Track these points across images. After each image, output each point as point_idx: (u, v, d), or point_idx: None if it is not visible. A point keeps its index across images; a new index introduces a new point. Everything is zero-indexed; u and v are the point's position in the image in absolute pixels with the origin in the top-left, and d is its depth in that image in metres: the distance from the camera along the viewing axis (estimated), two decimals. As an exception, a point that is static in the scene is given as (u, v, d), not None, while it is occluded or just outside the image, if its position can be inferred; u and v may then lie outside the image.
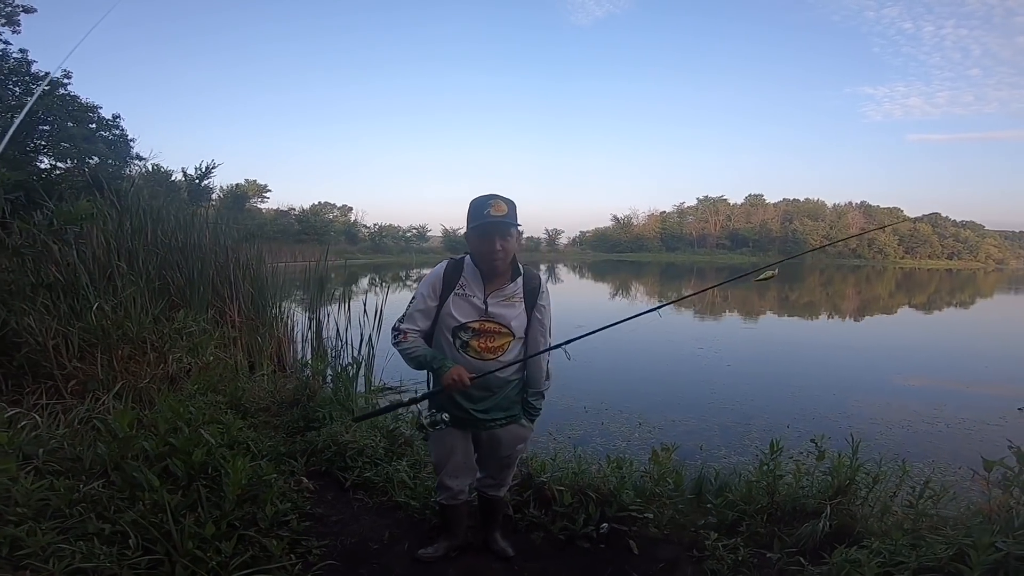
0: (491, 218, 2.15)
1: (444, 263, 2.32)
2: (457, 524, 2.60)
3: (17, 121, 3.76)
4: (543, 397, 2.46)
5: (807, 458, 3.22)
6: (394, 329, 2.31)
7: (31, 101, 4.25)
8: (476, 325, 2.23)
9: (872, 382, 8.58)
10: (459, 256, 2.35)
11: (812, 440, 3.00)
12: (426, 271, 2.61)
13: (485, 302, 2.24)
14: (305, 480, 3.09)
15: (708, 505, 2.94)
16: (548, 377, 2.43)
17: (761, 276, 2.44)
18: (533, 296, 2.31)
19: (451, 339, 2.25)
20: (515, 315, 2.27)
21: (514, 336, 2.28)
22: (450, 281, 2.26)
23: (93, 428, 2.82)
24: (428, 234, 67.36)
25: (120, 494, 2.19)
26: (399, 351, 2.30)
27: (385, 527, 2.85)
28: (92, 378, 3.57)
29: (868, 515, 2.70)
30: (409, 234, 66.33)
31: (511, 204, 2.20)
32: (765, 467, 2.89)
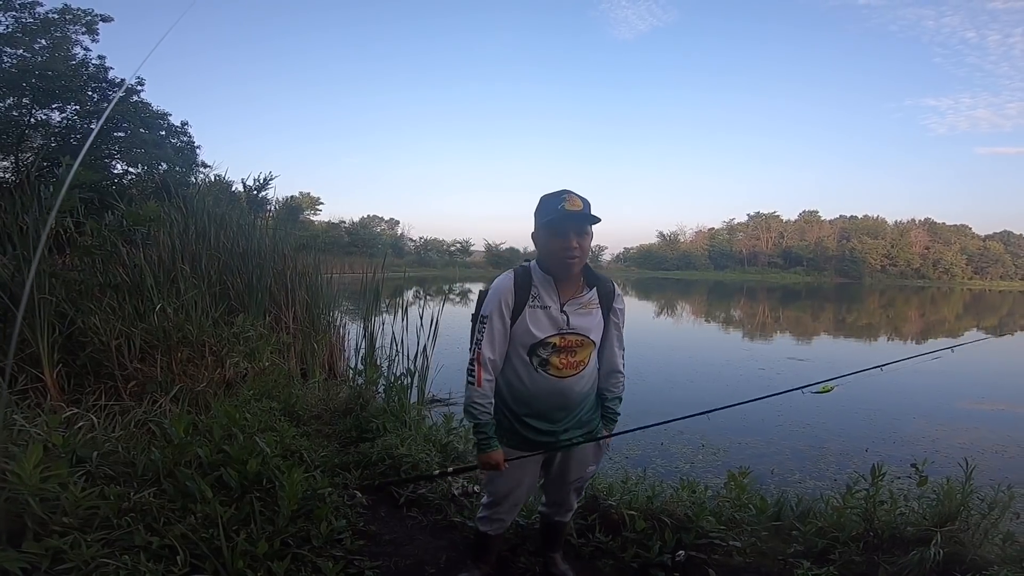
0: (566, 212, 1.91)
1: (509, 274, 2.06)
2: (495, 550, 2.44)
3: (96, 128, 3.86)
4: (621, 401, 2.29)
5: (893, 483, 2.95)
6: (471, 361, 2.02)
7: (108, 107, 4.38)
8: (557, 340, 2.00)
9: (952, 407, 7.98)
10: (522, 265, 2.10)
11: (913, 464, 2.79)
12: (469, 285, 2.41)
13: (563, 311, 2.00)
14: (359, 494, 2.94)
15: (794, 532, 2.70)
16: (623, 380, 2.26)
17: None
18: (609, 299, 2.12)
19: (527, 358, 2.00)
20: (595, 323, 2.07)
21: (595, 345, 2.09)
22: (522, 292, 2.00)
23: (148, 432, 2.77)
24: (471, 248, 67.90)
25: (171, 504, 2.09)
26: (467, 392, 2.03)
27: (442, 549, 2.66)
28: (151, 380, 3.56)
29: (982, 542, 2.47)
30: (453, 248, 67.00)
31: (586, 201, 1.97)
32: (864, 492, 2.68)
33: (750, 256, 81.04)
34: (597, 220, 1.98)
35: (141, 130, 6.33)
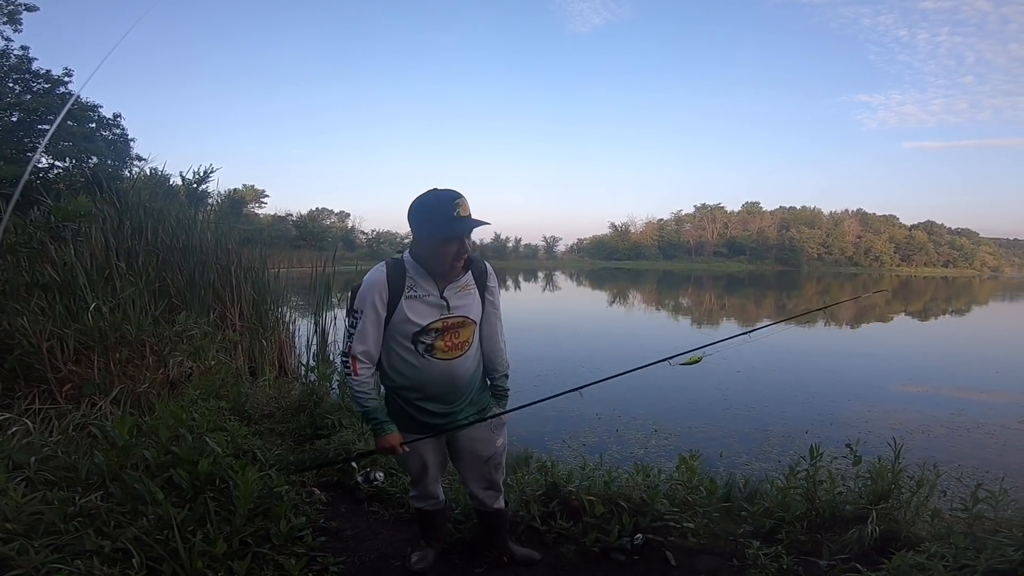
0: (462, 219, 1.92)
1: (381, 267, 2.06)
2: (440, 526, 2.51)
3: (40, 150, 3.59)
4: (508, 377, 2.34)
5: (833, 463, 3.14)
6: (344, 355, 2.08)
7: (58, 119, 4.02)
8: (439, 324, 2.05)
9: (883, 389, 8.50)
10: (393, 258, 2.12)
11: (848, 445, 2.91)
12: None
13: (443, 298, 2.05)
14: (317, 491, 2.91)
15: (743, 512, 2.82)
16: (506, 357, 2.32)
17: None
18: (483, 279, 2.16)
19: (412, 346, 2.04)
20: (474, 304, 2.13)
21: (475, 325, 2.15)
22: (396, 285, 2.02)
23: (89, 435, 2.64)
24: (426, 241, 66.91)
25: (120, 507, 2.00)
26: (348, 383, 2.08)
27: (405, 542, 2.65)
28: (88, 382, 3.38)
29: (914, 520, 2.61)
30: (407, 240, 65.76)
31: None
32: (804, 472, 2.80)
33: (697, 246, 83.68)
34: (487, 223, 2.00)
35: (68, 122, 5.94)
